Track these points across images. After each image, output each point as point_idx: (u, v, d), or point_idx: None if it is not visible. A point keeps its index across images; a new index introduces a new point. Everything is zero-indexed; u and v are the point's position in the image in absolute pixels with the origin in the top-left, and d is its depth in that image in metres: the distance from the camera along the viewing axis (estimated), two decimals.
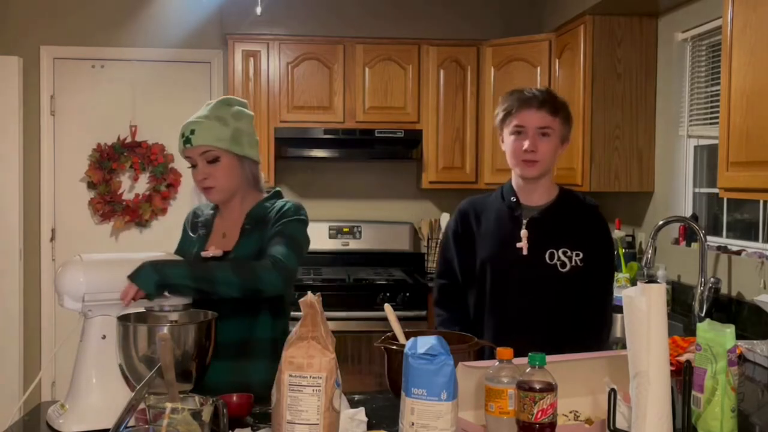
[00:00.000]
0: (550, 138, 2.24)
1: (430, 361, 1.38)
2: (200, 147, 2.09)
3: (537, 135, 2.23)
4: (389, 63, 4.66)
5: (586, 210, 2.36)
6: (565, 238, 2.25)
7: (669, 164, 3.80)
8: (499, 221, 2.32)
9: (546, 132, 2.24)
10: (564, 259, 2.23)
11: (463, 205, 2.43)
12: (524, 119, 2.23)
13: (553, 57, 4.40)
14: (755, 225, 3.19)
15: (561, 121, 2.27)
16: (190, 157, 2.13)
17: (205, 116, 2.13)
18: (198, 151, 2.10)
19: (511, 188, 2.35)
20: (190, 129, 2.10)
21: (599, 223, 2.36)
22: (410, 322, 4.03)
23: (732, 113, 2.43)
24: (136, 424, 1.47)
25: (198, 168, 2.13)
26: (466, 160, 4.75)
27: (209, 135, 2.09)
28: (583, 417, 1.64)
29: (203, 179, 2.13)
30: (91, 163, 4.85)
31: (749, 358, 2.49)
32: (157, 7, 4.85)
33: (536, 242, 2.25)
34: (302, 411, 1.38)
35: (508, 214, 2.31)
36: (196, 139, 2.09)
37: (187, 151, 2.12)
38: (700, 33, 3.54)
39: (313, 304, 1.41)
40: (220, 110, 2.15)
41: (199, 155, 2.11)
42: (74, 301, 1.71)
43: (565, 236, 2.26)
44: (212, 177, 2.12)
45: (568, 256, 2.23)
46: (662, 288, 1.42)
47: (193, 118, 2.14)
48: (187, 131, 2.10)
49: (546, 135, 2.24)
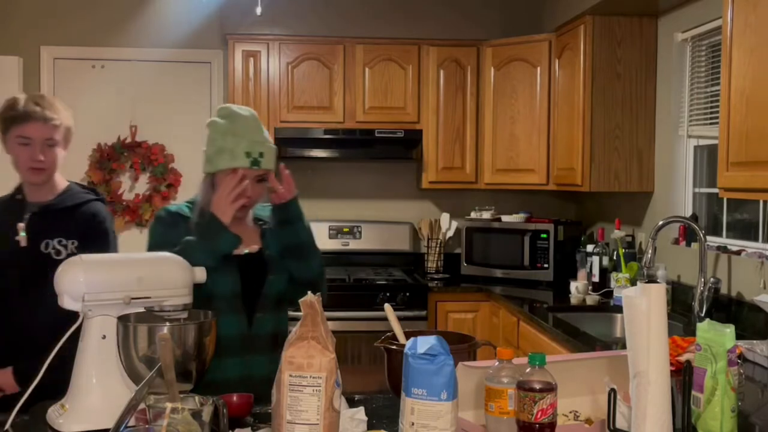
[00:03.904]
0: (53, 148, 2.37)
1: (430, 361, 1.38)
2: (263, 170, 2.19)
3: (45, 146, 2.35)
4: (389, 63, 4.67)
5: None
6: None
7: (669, 164, 3.80)
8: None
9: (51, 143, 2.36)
10: (59, 247, 2.34)
11: None
12: (29, 131, 2.34)
13: (553, 57, 4.40)
14: (755, 225, 3.19)
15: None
16: (242, 174, 2.18)
17: (267, 139, 2.23)
18: (259, 173, 2.20)
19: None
20: (259, 151, 2.18)
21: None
22: (410, 322, 4.03)
23: (732, 113, 2.43)
24: (136, 424, 1.47)
25: (248, 185, 2.18)
26: (466, 160, 4.75)
27: (272, 160, 2.22)
28: (583, 417, 1.64)
29: (249, 198, 2.20)
30: (91, 163, 4.85)
31: (749, 358, 2.49)
32: (157, 7, 4.85)
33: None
34: (302, 411, 1.38)
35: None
36: (265, 163, 2.19)
37: (248, 171, 2.18)
38: (700, 33, 3.54)
39: (313, 304, 1.41)
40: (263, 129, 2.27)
41: (255, 175, 2.19)
42: (74, 301, 1.71)
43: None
44: (256, 196, 2.23)
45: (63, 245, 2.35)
46: (662, 288, 1.42)
47: (258, 138, 2.20)
48: (256, 152, 2.17)
49: (52, 146, 2.37)
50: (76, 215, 2.39)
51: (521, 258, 4.51)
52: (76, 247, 2.33)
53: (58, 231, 2.34)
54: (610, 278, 3.95)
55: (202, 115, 4.96)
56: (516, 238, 4.53)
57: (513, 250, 4.53)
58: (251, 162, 2.17)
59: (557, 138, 4.37)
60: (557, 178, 4.40)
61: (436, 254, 4.83)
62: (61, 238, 2.33)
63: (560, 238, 4.47)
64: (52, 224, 2.35)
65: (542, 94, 4.46)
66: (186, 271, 1.84)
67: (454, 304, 4.40)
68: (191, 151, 4.95)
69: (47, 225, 2.35)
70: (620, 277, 3.72)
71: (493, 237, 4.64)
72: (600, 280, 4.05)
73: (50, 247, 2.32)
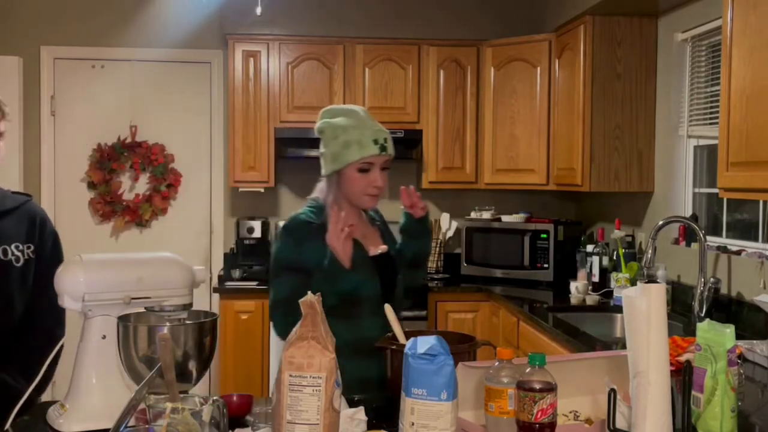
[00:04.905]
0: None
1: (430, 361, 1.39)
2: (388, 156, 2.23)
3: None
4: (389, 63, 4.67)
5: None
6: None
7: (669, 164, 3.80)
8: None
9: None
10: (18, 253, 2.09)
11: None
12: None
13: (553, 57, 4.40)
14: (755, 225, 3.19)
15: None
16: (371, 162, 2.20)
17: (383, 128, 2.26)
18: (385, 159, 2.23)
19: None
20: (384, 137, 2.22)
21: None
22: (410, 322, 4.03)
23: (732, 113, 2.43)
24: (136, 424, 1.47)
25: (374, 174, 2.22)
26: (466, 160, 4.75)
27: (393, 146, 2.25)
28: (583, 417, 1.64)
29: (379, 187, 2.23)
30: (91, 163, 4.85)
31: (749, 358, 2.49)
32: (157, 7, 4.85)
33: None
34: (302, 411, 1.38)
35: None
36: (390, 149, 2.23)
37: (375, 157, 2.20)
38: (699, 33, 3.54)
39: (313, 304, 1.41)
40: None
41: (381, 163, 2.22)
42: (74, 301, 1.71)
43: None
44: (385, 184, 2.25)
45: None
46: (662, 288, 1.42)
47: (377, 126, 2.24)
48: (381, 139, 2.21)
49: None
50: (22, 217, 2.12)
51: (521, 258, 4.51)
52: (32, 252, 2.10)
53: (10, 236, 2.07)
54: (610, 278, 3.95)
55: (202, 115, 4.97)
56: (516, 238, 4.53)
57: (513, 250, 4.53)
58: (380, 148, 2.20)
59: (557, 138, 4.37)
60: (557, 178, 4.40)
61: (436, 254, 4.83)
62: (17, 243, 2.07)
63: (560, 238, 4.47)
64: (0, 229, 2.07)
65: (542, 94, 4.46)
66: (186, 271, 1.84)
67: (454, 304, 4.40)
68: (191, 151, 4.96)
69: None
70: (620, 277, 3.72)
71: (493, 237, 4.64)
72: (600, 280, 4.05)
73: (9, 253, 2.05)
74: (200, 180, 4.97)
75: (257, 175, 4.65)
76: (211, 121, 4.96)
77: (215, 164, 4.97)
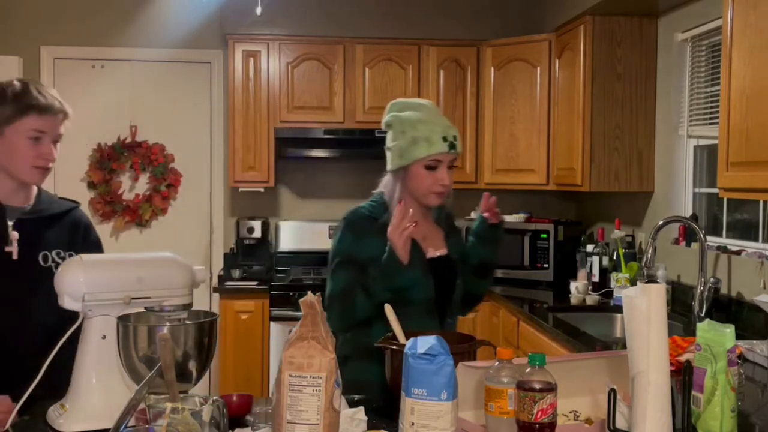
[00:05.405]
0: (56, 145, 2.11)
1: (430, 361, 1.39)
2: (456, 154, 2.21)
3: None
4: (389, 63, 4.67)
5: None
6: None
7: (669, 164, 3.80)
8: None
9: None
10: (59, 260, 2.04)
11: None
12: (47, 125, 2.10)
13: (553, 57, 4.40)
14: (755, 225, 3.18)
15: None
16: (439, 160, 2.18)
17: (452, 125, 2.23)
18: (453, 157, 2.21)
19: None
20: (453, 135, 2.20)
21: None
22: None
23: (732, 113, 2.43)
24: (136, 424, 1.47)
25: (442, 171, 2.20)
26: (466, 160, 4.75)
27: (460, 144, 2.24)
28: (583, 417, 1.64)
29: (446, 186, 2.22)
30: (91, 163, 4.86)
31: (749, 358, 2.49)
32: (157, 7, 4.85)
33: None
34: (302, 411, 1.38)
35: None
36: (459, 147, 2.22)
37: (443, 155, 2.18)
38: (699, 33, 3.54)
39: (313, 304, 1.41)
40: None
41: (449, 161, 2.20)
42: (74, 301, 1.71)
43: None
44: (451, 182, 2.24)
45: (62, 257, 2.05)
46: (662, 288, 1.42)
47: (446, 123, 2.21)
48: (450, 136, 2.19)
49: (56, 143, 2.10)
50: (66, 224, 2.11)
51: (521, 258, 4.51)
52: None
53: (53, 242, 2.05)
54: (610, 278, 3.95)
55: (202, 115, 4.97)
56: (516, 238, 4.53)
57: (513, 250, 4.53)
58: (449, 146, 2.18)
59: (557, 138, 4.37)
60: (557, 178, 4.40)
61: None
62: (59, 249, 2.05)
63: (560, 238, 4.47)
64: (44, 234, 2.05)
65: (542, 94, 4.46)
66: (186, 271, 1.84)
67: None
68: (191, 151, 4.96)
69: (40, 235, 2.04)
70: (620, 277, 3.72)
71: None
72: (600, 280, 4.05)
73: (50, 260, 2.02)
74: (200, 180, 4.97)
75: (257, 175, 4.65)
76: (211, 121, 4.96)
77: (215, 164, 4.97)
